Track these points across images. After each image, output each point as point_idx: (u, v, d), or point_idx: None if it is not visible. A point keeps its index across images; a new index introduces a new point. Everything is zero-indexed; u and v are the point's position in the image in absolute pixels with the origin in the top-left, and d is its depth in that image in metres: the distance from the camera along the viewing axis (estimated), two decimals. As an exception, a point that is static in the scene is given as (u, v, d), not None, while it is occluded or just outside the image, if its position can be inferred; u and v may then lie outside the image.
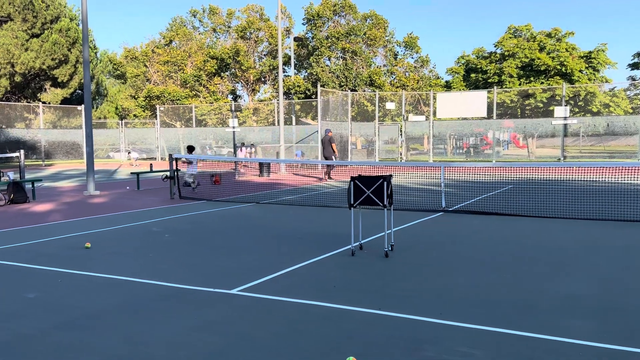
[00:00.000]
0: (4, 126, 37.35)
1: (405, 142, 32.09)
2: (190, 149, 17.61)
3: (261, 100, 44.03)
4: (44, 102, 41.11)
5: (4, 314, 4.89)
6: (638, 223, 9.34)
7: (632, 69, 38.64)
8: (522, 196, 13.25)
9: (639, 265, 6.37)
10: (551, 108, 31.24)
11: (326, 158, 20.29)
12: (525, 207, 11.21)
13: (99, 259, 7.08)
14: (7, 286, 5.82)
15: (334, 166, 20.75)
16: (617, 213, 10.22)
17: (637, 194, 13.18)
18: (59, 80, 42.22)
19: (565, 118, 27.43)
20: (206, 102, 41.48)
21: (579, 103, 33.78)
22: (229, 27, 46.14)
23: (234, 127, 29.71)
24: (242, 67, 41.57)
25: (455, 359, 3.74)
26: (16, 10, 39.60)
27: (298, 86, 38.42)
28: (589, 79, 35.52)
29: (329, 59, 41.02)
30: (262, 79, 43.53)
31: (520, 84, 35.91)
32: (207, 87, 42.53)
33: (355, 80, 38.51)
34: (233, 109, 38.93)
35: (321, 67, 39.44)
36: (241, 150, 27.73)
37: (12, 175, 14.23)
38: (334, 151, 20.16)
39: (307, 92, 38.83)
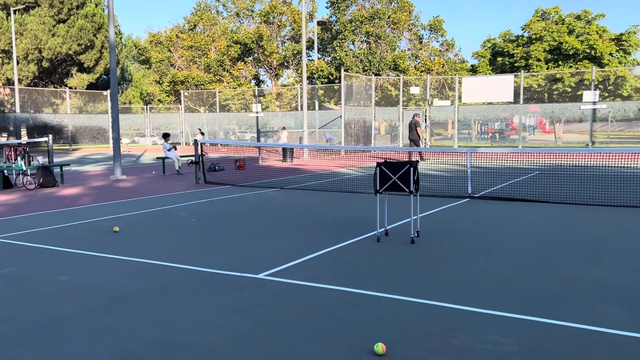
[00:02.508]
0: (32, 111, 38.02)
1: (430, 127, 31.79)
2: (166, 136, 18.40)
3: (284, 85, 43.99)
4: (70, 88, 41.69)
5: (37, 296, 4.99)
6: (671, 210, 9.12)
7: (665, 52, 37.54)
8: (549, 182, 13.04)
9: (673, 253, 6.22)
10: (579, 92, 30.61)
11: (412, 141, 20.97)
12: (553, 194, 11.03)
13: (127, 242, 7.18)
14: (39, 268, 5.94)
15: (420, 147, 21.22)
16: (649, 200, 9.99)
17: (670, 181, 12.85)
18: (85, 65, 42.74)
19: (594, 103, 26.85)
20: (230, 87, 41.60)
21: (609, 87, 33.01)
22: (252, 11, 46.05)
23: (257, 112, 29.79)
24: (266, 52, 41.51)
25: (486, 347, 3.71)
26: (43, -4, 40.06)
27: (321, 71, 38.24)
28: (620, 62, 34.64)
29: (353, 43, 40.71)
30: (285, 64, 43.44)
31: (547, 68, 35.20)
32: (230, 72, 42.62)
33: (379, 65, 38.17)
34: (256, 94, 39.01)
35: (345, 51, 39.16)
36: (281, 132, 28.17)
37: (41, 159, 14.49)
38: (419, 135, 20.75)
39: (330, 76, 38.64)
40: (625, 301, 4.61)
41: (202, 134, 18.80)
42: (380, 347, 3.61)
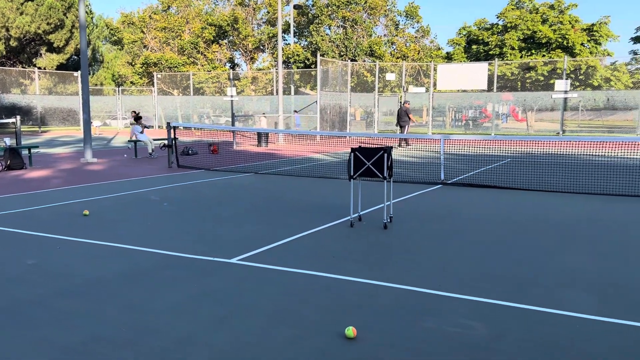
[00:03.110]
0: (-1, 91, 36.96)
1: (404, 113, 31.87)
2: (138, 118, 17.98)
3: (260, 69, 43.61)
4: (39, 68, 40.62)
5: (4, 280, 4.89)
6: (637, 198, 9.36)
7: (635, 43, 38.32)
8: (521, 170, 13.25)
9: (638, 239, 6.39)
10: (552, 81, 31.05)
11: (401, 127, 21.62)
12: (525, 181, 11.21)
13: (97, 226, 7.07)
14: (6, 252, 5.81)
15: (407, 132, 21.71)
16: (616, 188, 10.23)
17: (636, 169, 13.18)
18: (55, 45, 41.64)
19: (565, 92, 27.27)
20: (204, 70, 41.05)
21: (580, 77, 33.58)
22: (228, -7, 45.35)
23: (232, 96, 29.49)
24: (241, 35, 41.02)
25: (455, 330, 3.77)
26: (10, -28, 38.79)
27: (297, 55, 37.98)
28: (591, 52, 35.23)
29: (329, 28, 40.50)
30: (261, 48, 43.02)
31: (521, 57, 35.61)
32: (205, 55, 42.03)
33: (355, 50, 38.08)
34: (231, 77, 38.60)
35: (321, 35, 38.95)
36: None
37: (8, 141, 14.13)
38: (410, 120, 21.45)
39: (306, 61, 38.41)
40: (592, 286, 4.73)
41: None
42: (351, 331, 3.64)
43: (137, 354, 3.42)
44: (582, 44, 35.02)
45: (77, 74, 37.45)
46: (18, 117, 16.39)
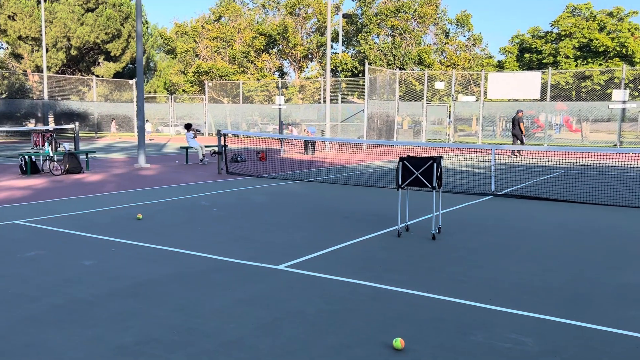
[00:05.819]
0: (59, 98, 38.59)
1: (454, 123, 31.47)
2: (188, 126, 18.28)
3: (308, 78, 43.93)
4: (97, 76, 42.23)
5: (62, 279, 5.09)
6: (700, 214, 8.90)
7: (699, 52, 36.49)
8: (575, 182, 12.83)
9: (701, 258, 6.08)
10: (609, 91, 29.98)
11: (514, 136, 21.70)
12: (579, 194, 10.85)
13: (150, 230, 7.27)
14: (65, 252, 6.05)
15: (521, 144, 21.49)
16: (677, 203, 9.77)
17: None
18: (112, 54, 43.24)
19: (624, 102, 26.28)
20: (253, 79, 41.69)
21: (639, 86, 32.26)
22: (278, 2, 45.97)
23: (280, 105, 29.83)
24: (290, 44, 41.47)
25: (505, 346, 3.68)
26: (72, -16, 40.56)
27: (345, 64, 38.06)
28: (651, 61, 33.83)
29: (378, 37, 40.43)
30: (310, 56, 43.35)
31: (576, 65, 34.55)
32: (254, 64, 42.68)
33: (403, 59, 37.86)
34: (280, 86, 39.04)
35: (369, 44, 38.91)
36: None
37: (67, 146, 14.73)
38: (521, 131, 21.40)
39: (354, 70, 38.44)
40: (651, 305, 4.52)
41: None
42: (398, 342, 3.61)
43: (187, 356, 3.49)
44: (642, 52, 33.68)
45: (132, 81, 38.72)
46: (77, 123, 17.07)
